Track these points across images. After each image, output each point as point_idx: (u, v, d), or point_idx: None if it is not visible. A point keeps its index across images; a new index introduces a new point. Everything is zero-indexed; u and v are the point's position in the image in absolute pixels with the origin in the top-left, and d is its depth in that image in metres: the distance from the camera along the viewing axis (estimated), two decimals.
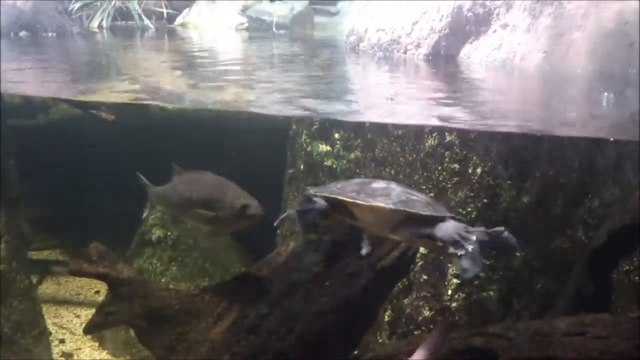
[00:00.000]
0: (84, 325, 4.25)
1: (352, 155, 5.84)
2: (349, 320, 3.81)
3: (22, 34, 7.96)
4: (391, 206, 3.05)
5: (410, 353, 3.58)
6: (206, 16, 9.50)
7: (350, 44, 6.66)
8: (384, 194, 3.12)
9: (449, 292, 4.92)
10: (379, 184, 3.22)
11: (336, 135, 5.92)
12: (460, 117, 4.19)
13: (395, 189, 3.16)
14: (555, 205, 4.84)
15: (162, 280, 6.62)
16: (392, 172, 5.43)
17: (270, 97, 4.90)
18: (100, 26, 9.00)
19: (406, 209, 3.04)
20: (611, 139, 4.65)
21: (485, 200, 4.84)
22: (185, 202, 3.87)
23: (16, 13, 7.94)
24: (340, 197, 3.19)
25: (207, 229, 3.98)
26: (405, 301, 5.06)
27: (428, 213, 3.01)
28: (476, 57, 5.58)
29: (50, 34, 8.16)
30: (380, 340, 5.12)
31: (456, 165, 4.93)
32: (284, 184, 6.51)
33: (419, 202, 3.07)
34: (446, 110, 4.31)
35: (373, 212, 3.13)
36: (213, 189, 3.79)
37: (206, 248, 6.93)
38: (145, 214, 4.17)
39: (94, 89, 5.44)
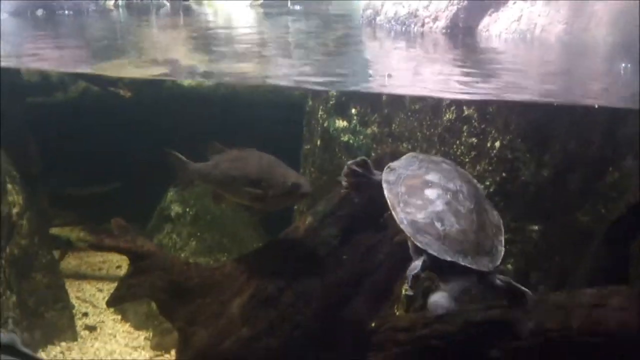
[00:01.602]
0: (106, 298, 4.34)
1: (369, 131, 5.81)
2: (366, 293, 3.84)
3: (39, 12, 7.98)
4: (404, 223, 2.98)
5: (426, 326, 3.60)
6: None
7: (366, 18, 6.58)
8: (419, 207, 2.99)
9: None
10: (432, 193, 3.04)
11: (353, 111, 5.89)
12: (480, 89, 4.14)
13: (438, 206, 2.99)
14: (575, 178, 4.79)
15: (182, 255, 6.71)
16: (410, 147, 5.40)
17: (283, 71, 4.89)
18: (116, 4, 8.99)
19: (408, 235, 2.96)
20: (632, 109, 4.58)
21: (504, 174, 4.80)
22: (232, 180, 3.82)
23: None
24: (384, 187, 3.12)
25: (254, 207, 3.95)
26: (423, 274, 5.06)
27: (428, 250, 2.95)
28: (495, 30, 5.49)
29: (66, 11, 8.17)
30: (397, 313, 5.15)
31: (474, 140, 4.88)
32: (301, 159, 6.51)
33: (436, 235, 2.95)
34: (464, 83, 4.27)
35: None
36: (261, 167, 3.75)
37: (224, 224, 6.99)
38: (177, 189, 4.15)
39: (112, 64, 5.47)
